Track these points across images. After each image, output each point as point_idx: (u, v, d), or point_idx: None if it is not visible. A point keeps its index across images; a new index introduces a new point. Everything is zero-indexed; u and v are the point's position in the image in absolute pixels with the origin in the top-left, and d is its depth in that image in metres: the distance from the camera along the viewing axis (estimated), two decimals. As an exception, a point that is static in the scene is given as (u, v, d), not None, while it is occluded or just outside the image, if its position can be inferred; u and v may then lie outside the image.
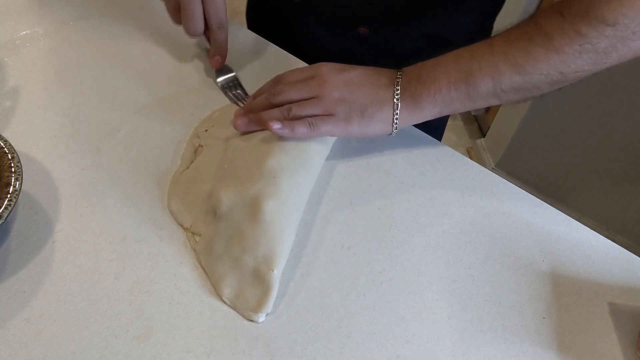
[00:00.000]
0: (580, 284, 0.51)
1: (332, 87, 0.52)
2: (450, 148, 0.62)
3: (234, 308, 0.45)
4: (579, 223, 0.56)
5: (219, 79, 0.63)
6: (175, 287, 0.46)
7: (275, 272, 0.45)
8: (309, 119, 0.51)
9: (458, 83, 0.50)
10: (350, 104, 0.52)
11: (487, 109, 1.94)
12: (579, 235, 0.55)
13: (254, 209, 0.47)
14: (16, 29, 0.68)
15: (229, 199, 0.49)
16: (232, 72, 0.64)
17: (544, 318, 0.48)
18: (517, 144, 1.69)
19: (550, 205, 0.57)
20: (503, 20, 0.66)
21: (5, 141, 0.48)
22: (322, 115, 0.52)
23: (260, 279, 0.45)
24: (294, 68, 0.57)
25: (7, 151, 0.47)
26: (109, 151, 0.56)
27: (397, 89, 0.52)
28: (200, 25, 0.60)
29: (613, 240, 0.55)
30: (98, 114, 0.59)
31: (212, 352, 0.42)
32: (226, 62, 0.65)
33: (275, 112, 0.53)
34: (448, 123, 0.85)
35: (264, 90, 0.57)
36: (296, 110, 0.52)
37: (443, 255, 0.51)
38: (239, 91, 0.62)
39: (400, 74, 0.53)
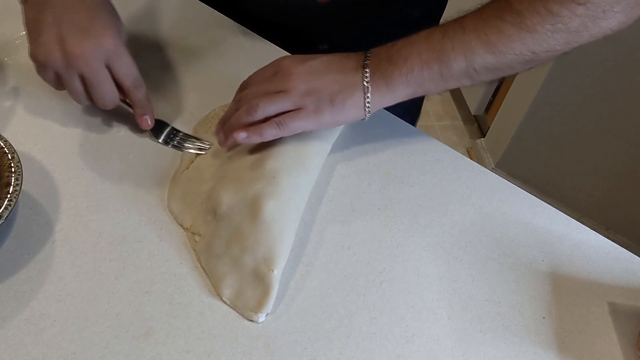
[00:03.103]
0: (580, 284, 0.51)
1: (297, 79, 0.50)
2: (450, 148, 0.62)
3: (234, 308, 0.45)
4: (579, 223, 0.56)
5: (160, 139, 0.57)
6: (175, 287, 0.46)
7: (275, 272, 0.45)
8: (276, 119, 0.49)
9: (430, 62, 0.49)
10: (318, 94, 0.50)
11: (487, 109, 1.94)
12: (579, 235, 0.55)
13: (254, 209, 0.47)
14: (16, 29, 0.68)
15: (229, 199, 0.49)
16: (167, 124, 0.59)
17: (544, 318, 0.48)
18: (517, 144, 1.69)
19: (550, 205, 0.57)
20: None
21: (5, 141, 0.48)
22: (292, 110, 0.50)
23: (260, 279, 0.45)
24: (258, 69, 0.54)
25: (7, 151, 0.47)
26: (109, 151, 0.56)
27: (367, 71, 0.50)
28: (114, 95, 0.53)
29: (613, 240, 0.55)
30: (98, 114, 0.59)
31: (212, 352, 0.42)
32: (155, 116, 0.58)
33: (241, 115, 0.50)
34: (447, 123, 0.85)
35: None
36: (263, 109, 0.50)
37: (443, 255, 0.51)
38: (183, 138, 0.58)
39: (368, 55, 0.51)
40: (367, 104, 0.50)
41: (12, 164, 0.47)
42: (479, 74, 0.49)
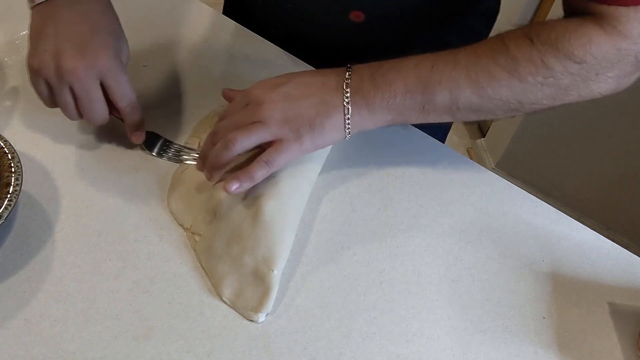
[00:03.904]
0: (580, 284, 0.51)
1: (271, 108, 0.47)
2: (450, 148, 0.62)
3: (234, 308, 0.45)
4: (579, 223, 0.56)
5: (153, 151, 0.56)
6: (175, 287, 0.46)
7: (275, 272, 0.45)
8: (263, 158, 0.47)
9: (415, 92, 0.47)
10: (295, 122, 0.47)
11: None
12: (579, 235, 0.55)
13: (254, 209, 0.47)
14: (16, 29, 0.68)
15: (229, 199, 0.49)
16: (159, 137, 0.57)
17: (544, 318, 0.48)
18: (517, 144, 1.69)
19: (550, 205, 0.57)
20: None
21: (5, 141, 0.48)
22: (274, 143, 0.48)
23: (260, 279, 0.45)
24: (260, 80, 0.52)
25: (7, 151, 0.47)
26: (109, 151, 0.56)
27: (347, 92, 0.48)
28: (104, 114, 0.51)
29: (613, 240, 0.55)
30: (98, 114, 0.59)
31: (212, 352, 0.42)
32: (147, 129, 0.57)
33: (219, 151, 0.47)
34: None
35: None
36: (241, 143, 0.47)
37: (443, 255, 0.51)
38: (178, 149, 0.57)
39: (349, 73, 0.49)
40: (347, 125, 0.48)
41: (12, 164, 0.47)
42: (461, 112, 0.48)
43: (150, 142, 0.56)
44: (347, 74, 0.49)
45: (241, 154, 0.49)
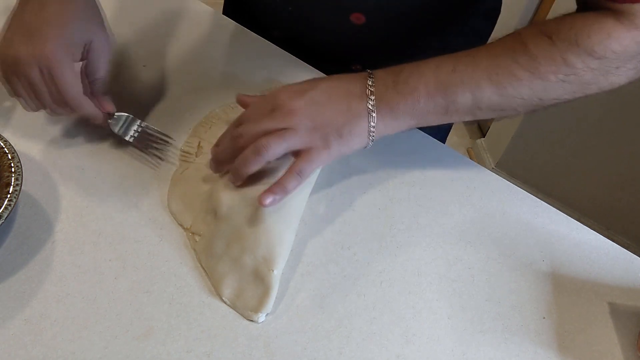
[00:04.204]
0: (580, 284, 0.51)
1: (300, 115, 0.47)
2: (450, 148, 0.62)
3: (234, 308, 0.45)
4: (579, 223, 0.56)
5: (119, 132, 0.54)
6: (175, 287, 0.46)
7: (275, 272, 0.45)
8: (294, 169, 0.47)
9: (437, 96, 0.47)
10: (324, 129, 0.47)
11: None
12: (579, 235, 0.55)
13: (254, 209, 0.47)
14: (16, 29, 0.68)
15: (229, 199, 0.49)
16: (132, 118, 0.56)
17: (544, 318, 0.48)
18: (517, 144, 1.69)
19: (550, 205, 0.57)
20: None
21: (5, 141, 0.48)
22: (302, 152, 0.47)
23: (260, 279, 0.45)
24: (254, 98, 0.52)
25: (7, 151, 0.47)
26: (109, 151, 0.56)
27: (372, 99, 0.48)
28: (50, 103, 0.50)
29: (613, 240, 0.55)
30: (98, 114, 0.59)
31: (212, 352, 0.42)
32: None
33: (249, 156, 0.46)
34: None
35: (226, 134, 0.51)
36: (274, 149, 0.46)
37: (443, 255, 0.51)
38: (150, 135, 0.55)
39: (372, 80, 0.49)
40: (371, 132, 0.48)
41: (12, 164, 0.47)
42: (483, 112, 0.48)
43: (122, 125, 0.54)
44: (369, 80, 0.48)
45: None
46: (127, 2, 0.75)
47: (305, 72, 0.67)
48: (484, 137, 1.90)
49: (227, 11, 0.82)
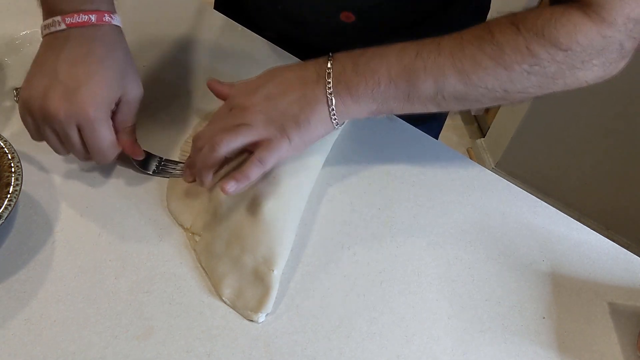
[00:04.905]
0: (580, 284, 0.51)
1: (255, 111, 0.47)
2: (450, 148, 0.62)
3: (234, 308, 0.45)
4: (579, 223, 0.56)
5: (149, 170, 0.55)
6: (175, 287, 0.46)
7: (275, 272, 0.45)
8: (255, 156, 0.47)
9: (399, 80, 0.46)
10: (279, 120, 0.47)
11: (487, 109, 1.94)
12: (579, 235, 0.55)
13: (254, 209, 0.47)
14: (16, 29, 0.68)
15: (229, 200, 0.49)
16: (154, 156, 0.56)
17: (544, 318, 0.48)
18: (517, 144, 1.69)
19: (550, 205, 0.57)
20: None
21: (5, 141, 0.48)
22: (260, 141, 0.47)
23: (260, 279, 0.45)
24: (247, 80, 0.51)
25: (7, 151, 0.48)
26: (109, 151, 0.56)
27: (329, 82, 0.47)
28: (85, 155, 0.50)
29: (613, 240, 0.55)
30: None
31: (212, 352, 0.42)
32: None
33: (205, 154, 0.47)
34: (448, 123, 0.85)
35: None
36: (227, 143, 0.46)
37: (443, 255, 0.51)
38: (172, 167, 0.55)
39: (330, 62, 0.48)
40: (333, 116, 0.48)
41: (12, 164, 0.47)
42: (447, 101, 0.48)
43: (145, 161, 0.55)
44: (328, 63, 0.48)
45: (230, 157, 0.48)
46: (126, 3, 0.75)
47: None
48: (484, 137, 1.90)
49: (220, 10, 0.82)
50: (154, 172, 0.54)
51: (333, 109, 0.47)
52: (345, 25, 0.66)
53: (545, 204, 0.57)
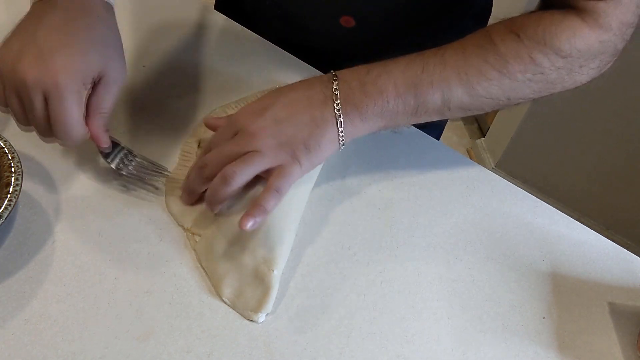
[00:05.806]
0: (580, 284, 0.51)
1: (263, 136, 0.46)
2: (450, 148, 0.62)
3: (234, 308, 0.45)
4: (579, 223, 0.56)
5: (112, 164, 0.51)
6: (175, 287, 0.46)
7: (275, 272, 0.45)
8: (272, 186, 0.45)
9: (407, 96, 0.46)
10: (290, 145, 0.46)
11: (487, 109, 1.94)
12: (579, 235, 0.55)
13: (254, 209, 0.47)
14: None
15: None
16: (120, 146, 0.52)
17: (544, 318, 0.48)
18: (517, 144, 1.69)
19: (550, 205, 0.57)
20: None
21: (5, 141, 0.48)
22: (274, 170, 0.46)
23: (260, 279, 0.45)
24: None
25: (7, 151, 0.47)
26: (109, 151, 0.56)
27: (337, 103, 0.46)
28: (45, 129, 0.46)
29: (613, 240, 0.55)
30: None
31: (212, 352, 0.42)
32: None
33: (218, 186, 0.45)
34: (447, 123, 0.85)
35: (195, 164, 0.50)
36: (241, 176, 0.45)
37: (443, 255, 0.51)
38: (139, 164, 0.52)
39: (336, 82, 0.47)
40: (340, 137, 0.47)
41: (12, 164, 0.47)
42: (452, 111, 0.48)
43: (110, 154, 0.51)
44: (334, 84, 0.47)
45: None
46: (126, 3, 0.75)
47: (304, 72, 0.67)
48: (484, 137, 1.90)
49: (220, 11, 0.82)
50: (117, 167, 0.51)
51: (342, 131, 0.47)
52: (345, 30, 0.66)
53: (545, 204, 0.58)
